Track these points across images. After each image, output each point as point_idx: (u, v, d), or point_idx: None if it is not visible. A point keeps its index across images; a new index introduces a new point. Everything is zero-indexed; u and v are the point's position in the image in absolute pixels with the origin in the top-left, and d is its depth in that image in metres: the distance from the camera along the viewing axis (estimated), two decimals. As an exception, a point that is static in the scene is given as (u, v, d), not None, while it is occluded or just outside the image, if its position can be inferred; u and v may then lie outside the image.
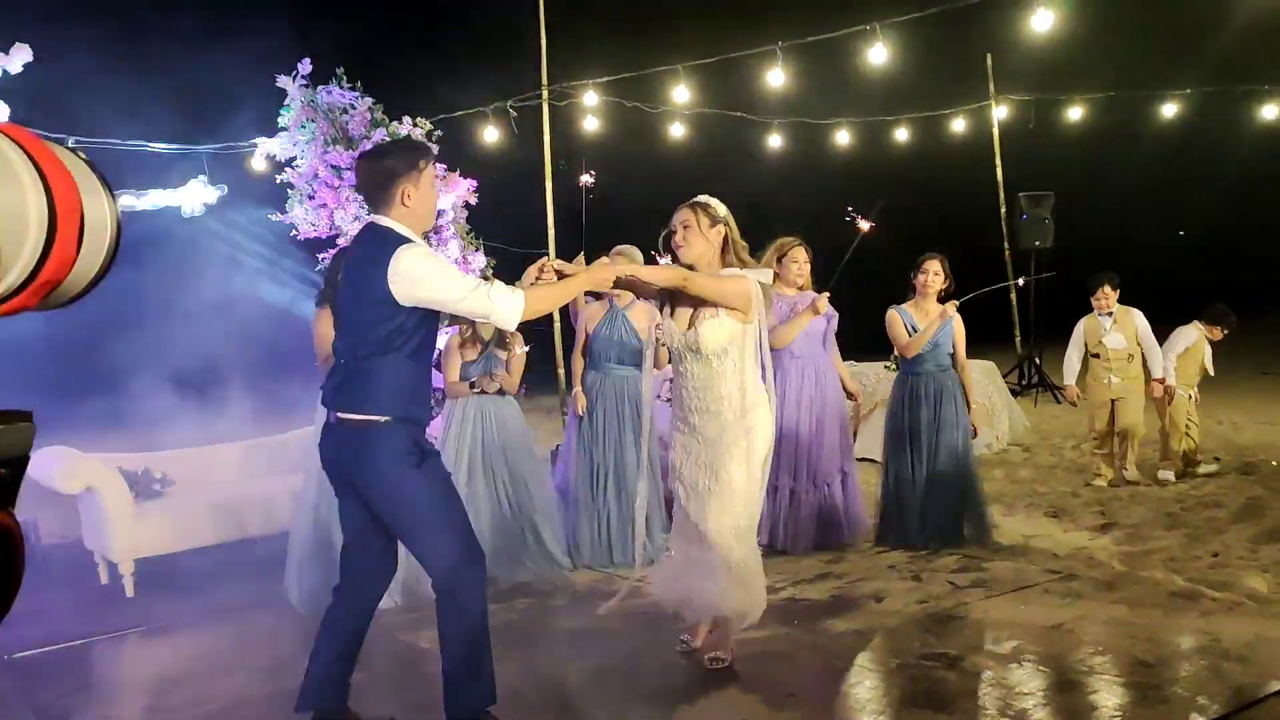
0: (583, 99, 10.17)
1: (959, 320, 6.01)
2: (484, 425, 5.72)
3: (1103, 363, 7.40)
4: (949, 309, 5.99)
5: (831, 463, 5.99)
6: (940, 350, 5.97)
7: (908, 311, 6.04)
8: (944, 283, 6.02)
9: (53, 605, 5.61)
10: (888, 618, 4.70)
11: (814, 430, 5.96)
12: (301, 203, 7.45)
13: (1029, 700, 3.68)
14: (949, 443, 5.90)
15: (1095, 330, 7.48)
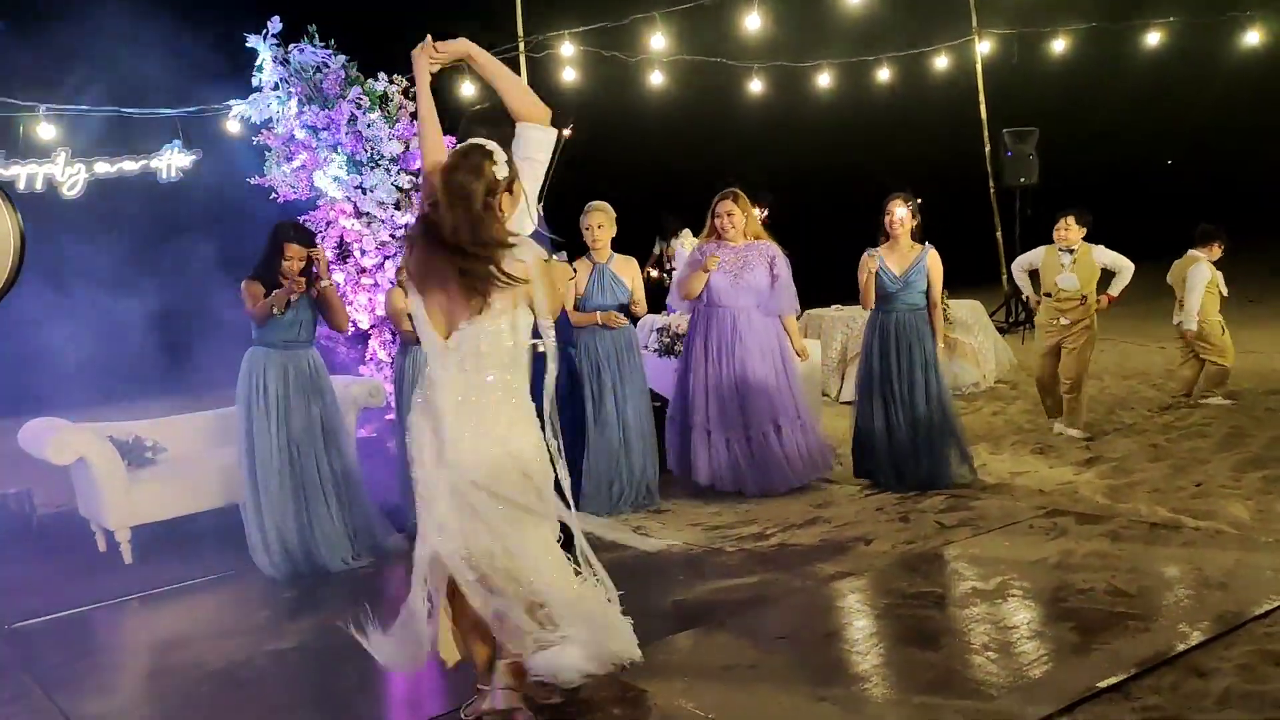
0: (560, 49, 10.05)
1: (936, 259, 5.99)
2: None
3: (1054, 302, 6.93)
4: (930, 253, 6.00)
5: (762, 413, 6.00)
6: (914, 289, 5.95)
7: (881, 255, 6.00)
8: (913, 222, 5.98)
9: (51, 574, 5.66)
10: (876, 559, 4.77)
11: (737, 379, 6.00)
12: (280, 165, 7.39)
13: (1015, 634, 3.75)
14: (923, 383, 5.92)
15: (1053, 265, 6.98)
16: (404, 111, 7.53)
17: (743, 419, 6.02)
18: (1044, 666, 3.45)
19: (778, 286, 6.09)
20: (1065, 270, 6.88)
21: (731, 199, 6.09)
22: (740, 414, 6.02)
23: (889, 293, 5.97)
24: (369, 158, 7.36)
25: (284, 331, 5.34)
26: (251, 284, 5.28)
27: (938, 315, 6.04)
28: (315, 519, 5.31)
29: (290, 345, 5.37)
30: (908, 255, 5.96)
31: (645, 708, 3.41)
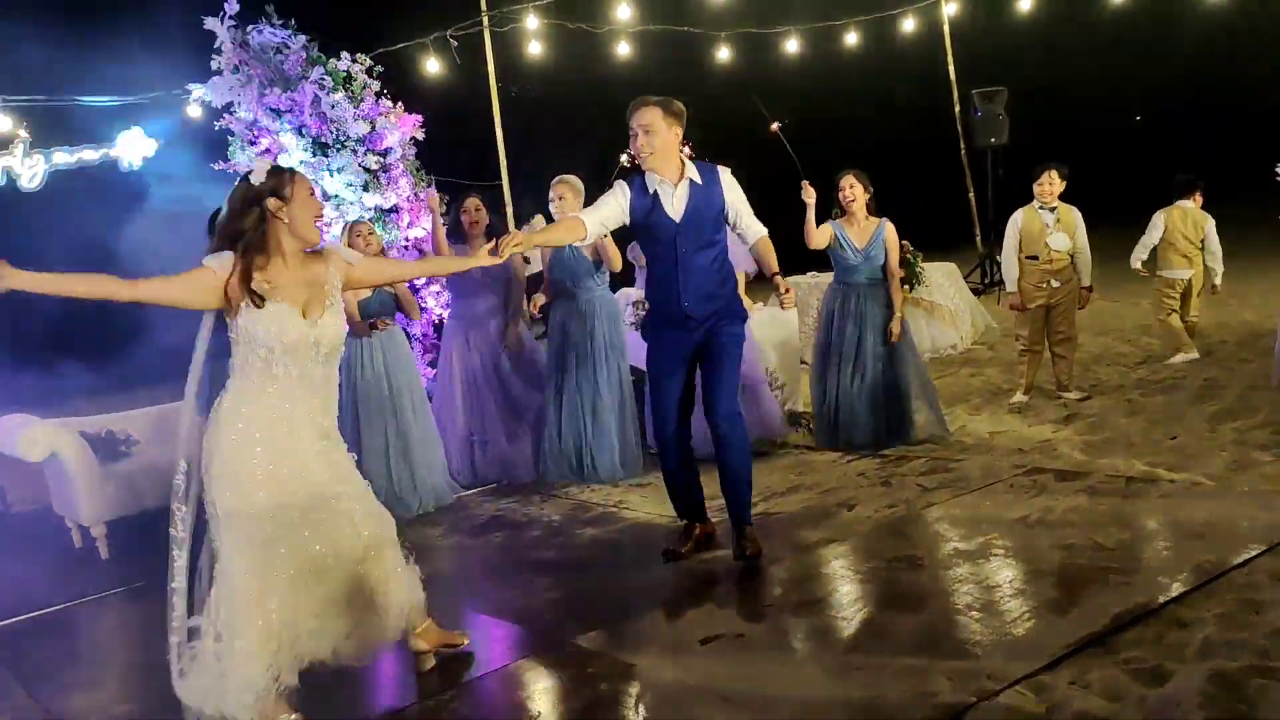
0: (525, 23, 9.93)
1: (893, 232, 6.08)
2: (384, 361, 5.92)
3: (1042, 265, 6.69)
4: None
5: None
6: (874, 263, 6.05)
7: (841, 226, 6.10)
8: (865, 195, 6.05)
9: (29, 572, 5.60)
10: (859, 524, 4.78)
11: None
12: (244, 149, 7.27)
13: (998, 592, 3.77)
14: (879, 350, 6.04)
15: (1036, 227, 6.73)
16: (368, 91, 7.43)
17: None
18: (1027, 624, 3.47)
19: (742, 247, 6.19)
20: (1052, 230, 6.70)
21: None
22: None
23: (849, 265, 6.09)
24: (335, 139, 7.26)
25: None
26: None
27: (895, 286, 6.12)
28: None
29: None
30: (866, 229, 6.06)
31: (632, 681, 3.41)
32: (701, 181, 4.39)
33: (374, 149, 7.41)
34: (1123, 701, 2.89)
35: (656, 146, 4.30)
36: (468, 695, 3.48)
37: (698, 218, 4.36)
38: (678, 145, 4.42)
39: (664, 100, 4.35)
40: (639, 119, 4.31)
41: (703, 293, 4.37)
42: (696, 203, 4.35)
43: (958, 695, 3.02)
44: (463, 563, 4.97)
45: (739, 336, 4.48)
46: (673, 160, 4.37)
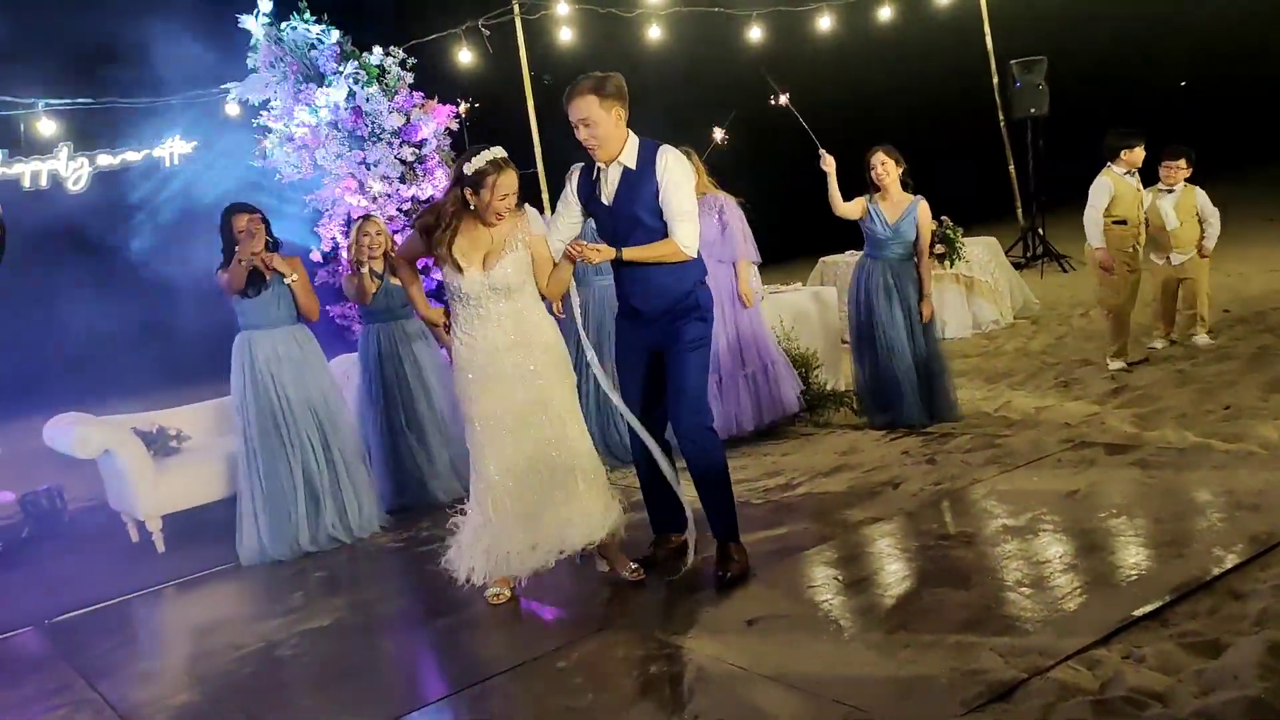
0: (555, 9, 9.92)
1: (926, 210, 6.03)
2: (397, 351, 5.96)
3: (1133, 229, 6.70)
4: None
5: (743, 359, 6.20)
6: (904, 239, 6.03)
7: (876, 202, 6.07)
8: (897, 170, 6.02)
9: (86, 567, 5.73)
10: (905, 502, 4.74)
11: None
12: (281, 146, 7.35)
13: (1048, 568, 3.73)
14: (909, 325, 6.04)
15: (1127, 193, 6.68)
16: (402, 84, 7.47)
17: (732, 363, 6.19)
18: (1079, 599, 3.43)
19: (727, 235, 6.18)
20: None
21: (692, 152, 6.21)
22: (729, 358, 6.19)
23: (879, 239, 6.08)
24: (370, 132, 7.32)
25: (263, 312, 5.34)
26: (221, 272, 5.31)
27: (925, 266, 6.09)
28: (312, 499, 5.35)
29: (274, 324, 5.37)
30: (899, 205, 6.03)
31: (681, 663, 3.42)
32: (636, 165, 4.00)
33: (409, 141, 7.46)
34: (1179, 675, 2.85)
35: (601, 137, 3.95)
36: (518, 679, 3.51)
37: (629, 204, 4.00)
38: (622, 123, 4.00)
39: (596, 83, 3.95)
40: (575, 113, 3.95)
41: (649, 286, 4.04)
42: (627, 187, 4.01)
43: (1009, 672, 2.99)
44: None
45: (699, 339, 4.08)
46: (617, 141, 4.00)
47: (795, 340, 6.68)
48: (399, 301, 5.98)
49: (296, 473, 5.32)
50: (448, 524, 4.30)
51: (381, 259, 5.94)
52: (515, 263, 4.02)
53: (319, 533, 5.35)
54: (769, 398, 6.29)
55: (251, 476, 5.33)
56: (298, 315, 5.46)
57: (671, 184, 3.97)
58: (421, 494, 5.91)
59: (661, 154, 4.01)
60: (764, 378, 6.29)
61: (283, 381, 5.33)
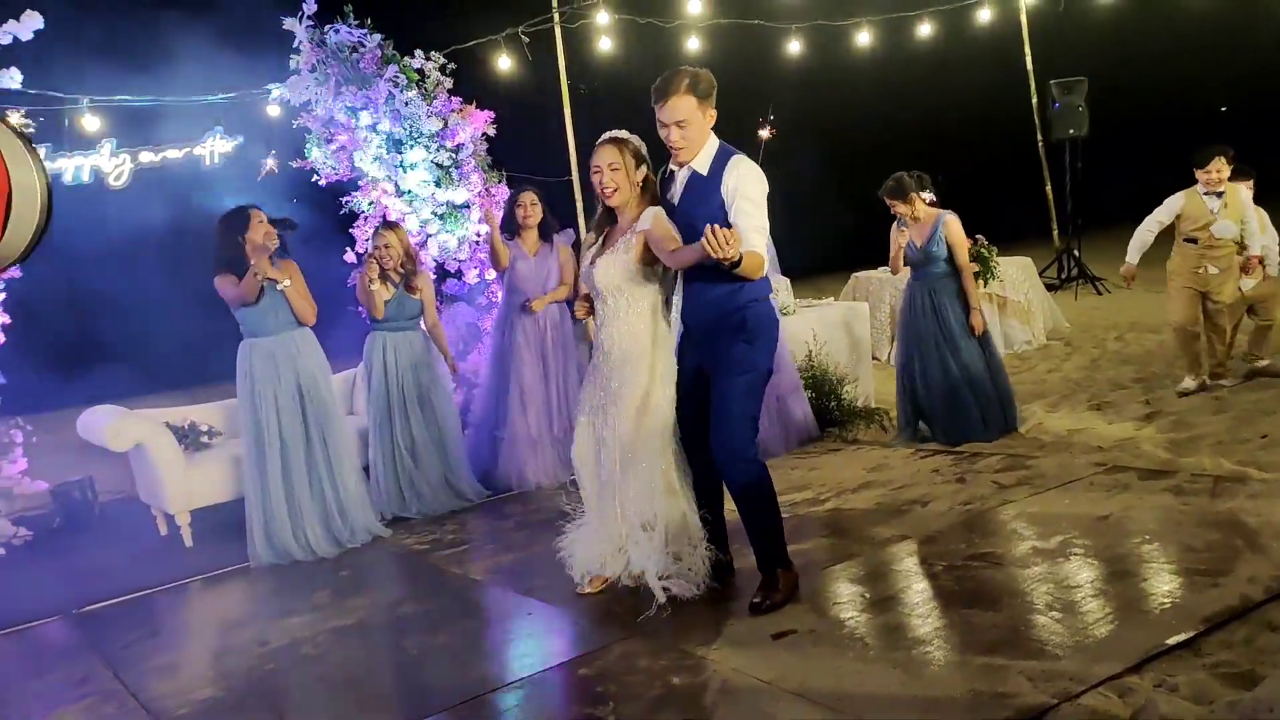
0: (595, 18, 9.95)
1: (953, 225, 6.04)
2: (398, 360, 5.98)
3: (1201, 249, 6.39)
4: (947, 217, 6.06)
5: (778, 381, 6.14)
6: (936, 258, 6.05)
7: (908, 224, 6.11)
8: (910, 204, 6.03)
9: (115, 559, 5.79)
10: (934, 521, 4.70)
11: None
12: (320, 146, 7.41)
13: (1078, 592, 3.67)
14: (957, 344, 6.02)
15: (1199, 212, 6.38)
16: (441, 88, 7.51)
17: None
18: (1110, 625, 3.37)
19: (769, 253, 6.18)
20: (1219, 217, 6.38)
21: None
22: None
23: (914, 261, 6.16)
24: (408, 136, 7.36)
25: (261, 320, 5.36)
26: (223, 277, 5.29)
27: (967, 279, 6.08)
28: (304, 506, 5.36)
29: (272, 331, 5.38)
30: (925, 225, 6.07)
31: (704, 675, 3.39)
32: (706, 172, 3.83)
33: (446, 145, 7.49)
34: (1211, 705, 2.80)
35: (691, 138, 3.78)
36: (541, 683, 3.51)
37: (691, 210, 3.82)
38: (709, 126, 3.84)
39: (693, 80, 3.74)
40: (670, 113, 3.74)
41: (700, 300, 3.87)
42: (692, 193, 3.86)
43: (1038, 696, 2.95)
44: (533, 554, 5.00)
45: (744, 364, 3.82)
46: (702, 142, 3.84)
47: (826, 355, 6.65)
48: (409, 313, 6.01)
49: (290, 480, 5.34)
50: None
51: (396, 270, 5.96)
52: (610, 264, 3.99)
53: (311, 540, 5.35)
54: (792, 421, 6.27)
55: (252, 481, 5.36)
56: (295, 320, 5.47)
57: (743, 198, 3.75)
58: (408, 507, 5.93)
59: (733, 165, 3.79)
60: (791, 401, 6.28)
61: (280, 388, 5.35)
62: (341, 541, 5.43)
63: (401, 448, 5.93)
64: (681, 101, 3.73)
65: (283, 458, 5.32)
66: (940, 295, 6.06)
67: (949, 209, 6.13)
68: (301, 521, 5.35)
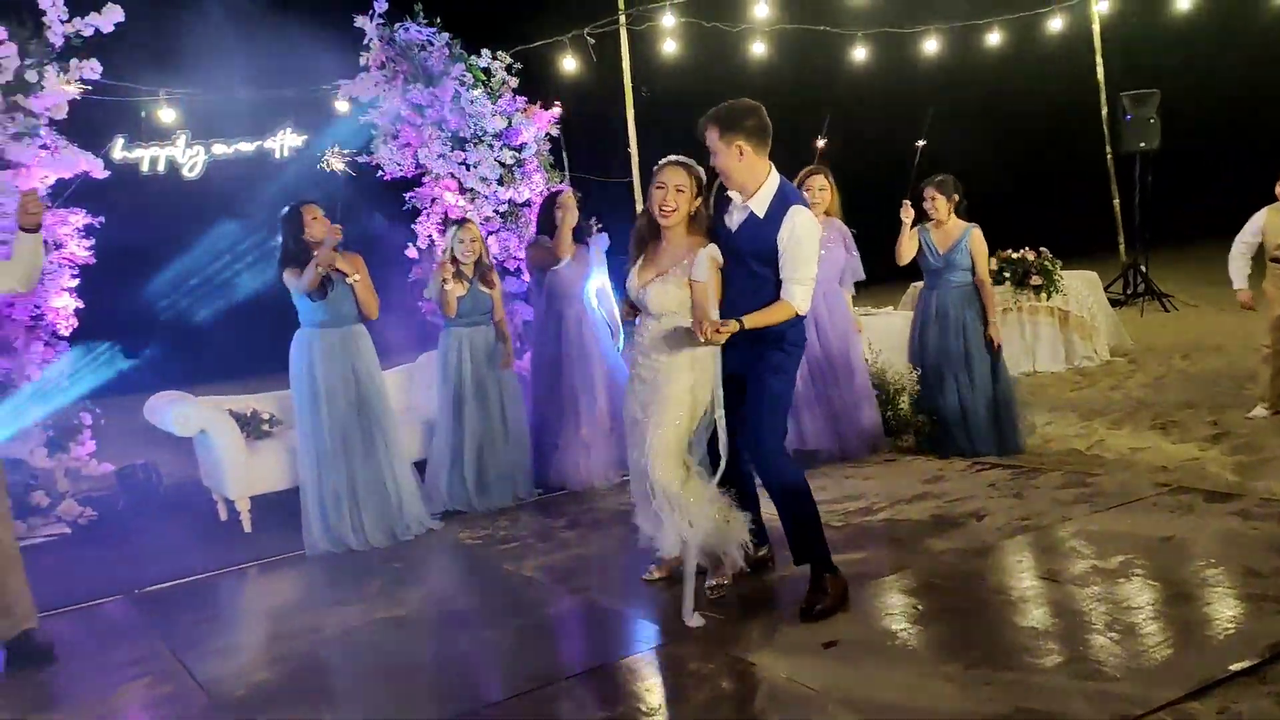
0: (661, 21, 9.97)
1: (977, 238, 6.09)
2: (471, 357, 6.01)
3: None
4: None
5: (845, 383, 6.25)
6: (957, 267, 6.08)
7: (928, 231, 6.17)
8: (949, 204, 6.09)
9: (176, 541, 5.92)
10: (989, 535, 4.63)
11: (825, 350, 6.22)
12: (386, 143, 7.52)
13: (1139, 614, 3.59)
14: (969, 360, 6.05)
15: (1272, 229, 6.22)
16: (506, 87, 7.59)
17: (836, 387, 6.24)
18: (1170, 649, 3.30)
19: (850, 261, 6.39)
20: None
21: (824, 175, 6.29)
22: (834, 382, 6.24)
23: (933, 269, 6.17)
24: (472, 134, 7.44)
25: (326, 311, 5.43)
26: (289, 270, 5.39)
27: (986, 293, 6.12)
28: (357, 497, 5.42)
29: (335, 324, 5.45)
30: (950, 234, 6.11)
31: (753, 681, 3.38)
32: (764, 215, 3.93)
33: (510, 144, 7.56)
34: (1276, 736, 2.72)
35: (720, 168, 3.96)
36: (589, 682, 3.52)
37: (744, 244, 3.97)
38: (750, 158, 3.91)
39: (718, 114, 3.93)
40: (706, 141, 3.96)
41: (737, 313, 3.90)
42: (747, 231, 3.97)
43: (1095, 717, 2.89)
44: (585, 553, 5.02)
45: (781, 367, 3.98)
46: (746, 178, 3.94)
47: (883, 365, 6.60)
48: (483, 308, 6.05)
49: (345, 470, 5.41)
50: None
51: (472, 265, 6.00)
52: (663, 292, 4.05)
53: (366, 530, 5.42)
54: (854, 426, 6.27)
55: (307, 470, 5.44)
56: (358, 314, 5.54)
57: (794, 246, 3.87)
58: (468, 501, 5.96)
59: (791, 216, 3.87)
60: (853, 406, 6.27)
61: (337, 381, 5.42)
62: (396, 533, 5.49)
63: (469, 442, 5.96)
64: (707, 133, 3.93)
65: (339, 448, 5.40)
66: (959, 308, 6.08)
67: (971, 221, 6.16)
68: (358, 511, 5.42)
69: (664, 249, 4.12)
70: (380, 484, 5.49)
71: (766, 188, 3.94)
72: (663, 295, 4.05)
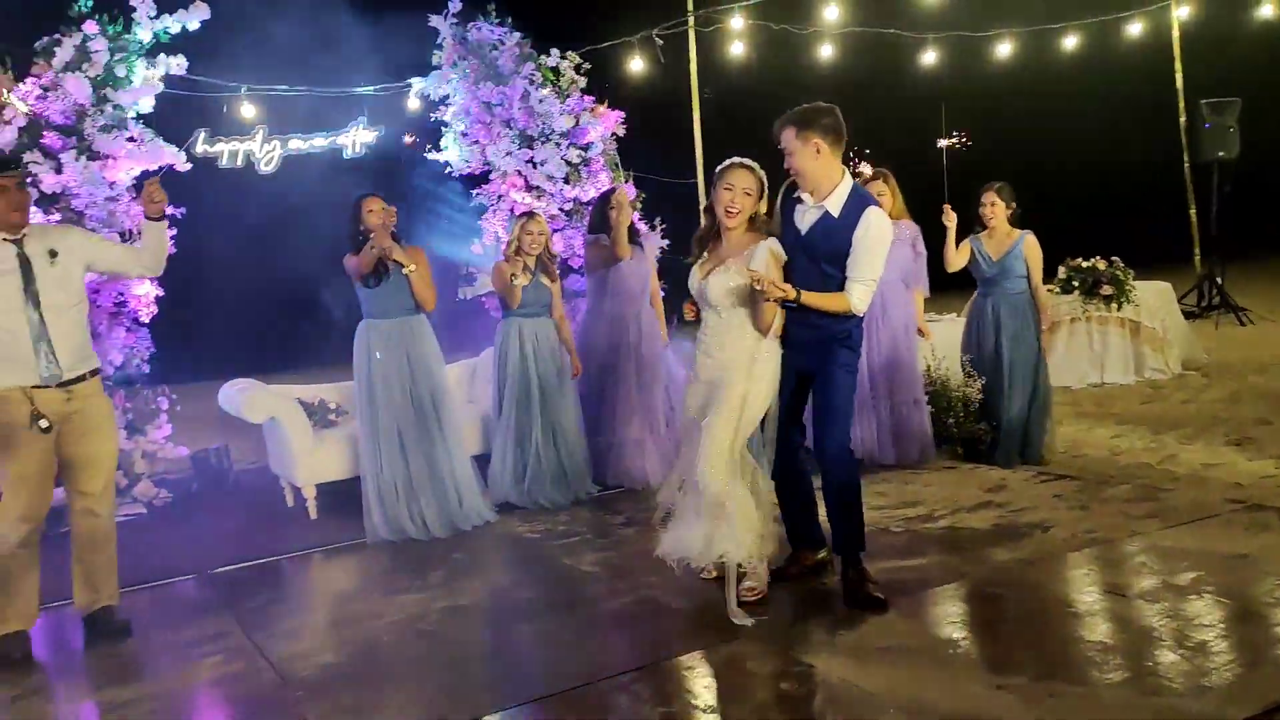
0: (729, 23, 9.97)
1: (1033, 245, 6.09)
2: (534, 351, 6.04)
3: None
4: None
5: (905, 386, 6.22)
6: (1010, 274, 6.07)
7: (980, 240, 6.18)
8: (1007, 210, 6.08)
9: (246, 525, 6.07)
10: (1054, 547, 4.57)
11: (884, 352, 6.20)
12: (456, 140, 7.63)
13: (1209, 632, 3.53)
14: (1017, 361, 6.04)
15: None
16: (574, 87, 7.65)
17: (888, 390, 6.23)
18: (1241, 668, 3.23)
19: (919, 264, 6.34)
20: None
21: (885, 179, 6.27)
22: (887, 385, 6.22)
23: (986, 277, 6.17)
24: (540, 132, 7.51)
25: (383, 302, 5.51)
26: (349, 257, 5.51)
27: (1040, 300, 6.12)
28: (422, 486, 5.50)
29: (392, 314, 5.53)
30: (1004, 242, 6.09)
31: (812, 683, 3.38)
32: (838, 215, 3.97)
33: (577, 143, 7.62)
34: (1352, 761, 2.66)
35: (795, 169, 4.01)
36: (645, 678, 3.54)
37: (815, 245, 4.02)
38: (826, 157, 3.97)
39: (797, 115, 3.98)
40: (782, 140, 4.01)
41: (806, 321, 4.01)
42: (821, 230, 4.01)
43: (1161, 734, 2.85)
44: (642, 549, 5.05)
45: (849, 364, 4.08)
46: (821, 177, 3.99)
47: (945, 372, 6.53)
48: (543, 299, 6.08)
49: (404, 459, 5.49)
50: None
51: (535, 258, 6.05)
52: (723, 283, 4.07)
53: (427, 520, 5.49)
54: (909, 432, 6.23)
55: (367, 459, 5.53)
56: (415, 306, 5.61)
57: (865, 246, 3.93)
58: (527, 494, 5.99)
59: (867, 217, 3.93)
60: (912, 412, 6.24)
61: (396, 371, 5.50)
62: (456, 524, 5.57)
63: (530, 434, 6.00)
64: (783, 132, 3.99)
65: (395, 438, 5.48)
66: (1012, 316, 6.07)
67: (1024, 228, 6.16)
68: (415, 501, 5.51)
69: (724, 247, 4.16)
70: (438, 475, 5.56)
71: (841, 188, 4.00)
72: (723, 284, 4.06)
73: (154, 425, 6.67)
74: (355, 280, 5.52)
